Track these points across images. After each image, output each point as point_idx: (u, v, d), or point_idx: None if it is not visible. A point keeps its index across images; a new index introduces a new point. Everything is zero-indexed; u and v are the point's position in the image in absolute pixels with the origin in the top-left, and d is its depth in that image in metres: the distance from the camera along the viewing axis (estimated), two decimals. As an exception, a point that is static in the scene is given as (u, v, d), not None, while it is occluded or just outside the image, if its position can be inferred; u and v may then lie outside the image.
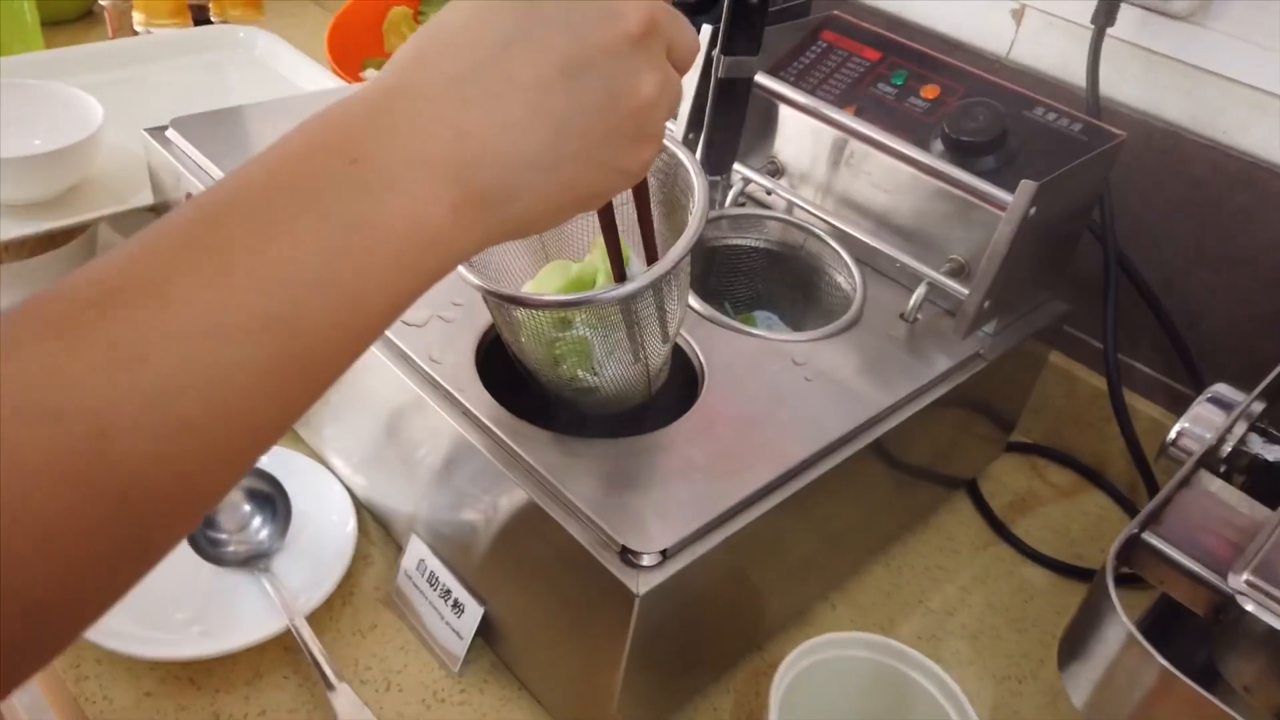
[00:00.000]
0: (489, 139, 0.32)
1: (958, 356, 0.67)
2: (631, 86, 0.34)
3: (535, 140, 0.33)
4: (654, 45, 0.34)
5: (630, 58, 0.33)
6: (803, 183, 0.77)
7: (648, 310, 0.51)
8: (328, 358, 0.31)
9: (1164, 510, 0.46)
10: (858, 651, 0.56)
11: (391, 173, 0.31)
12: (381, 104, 0.32)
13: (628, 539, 0.50)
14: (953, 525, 0.79)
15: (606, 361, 0.53)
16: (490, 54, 0.32)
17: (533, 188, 0.33)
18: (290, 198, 0.30)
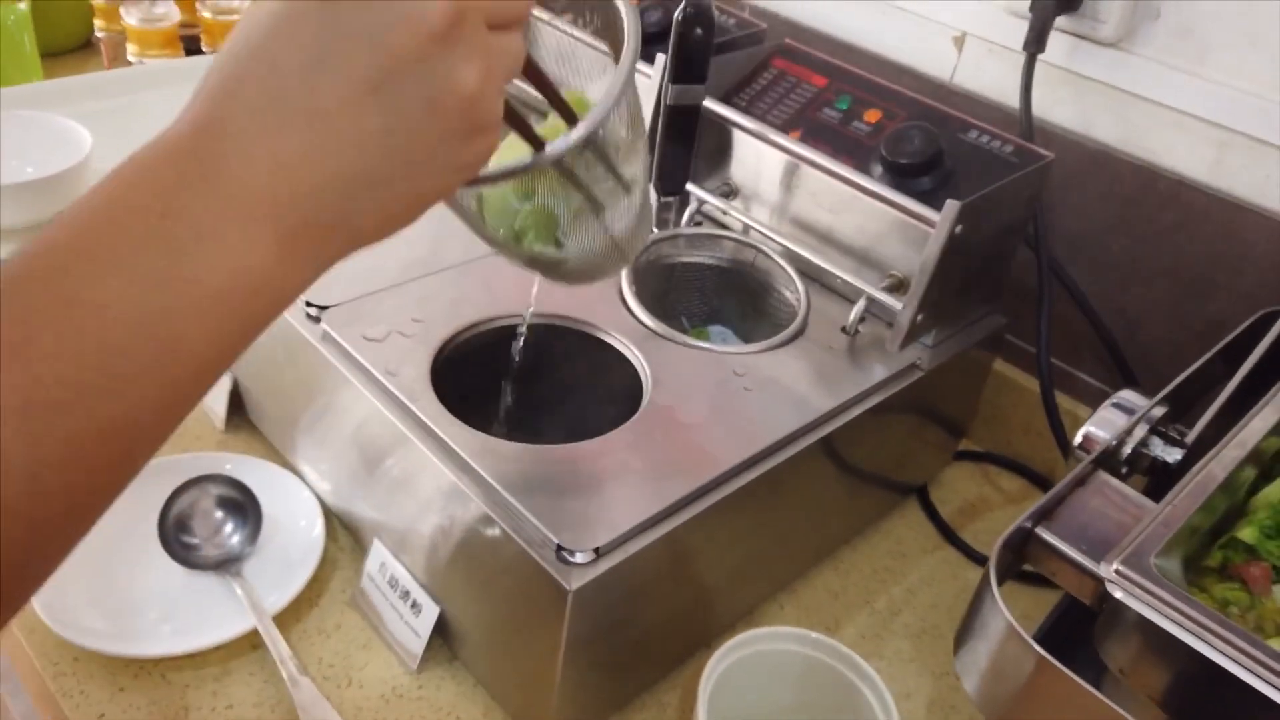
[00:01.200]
0: (305, 171, 0.31)
1: (895, 367, 0.70)
2: (449, 86, 0.32)
3: (356, 163, 0.32)
4: (465, 34, 0.32)
5: (442, 57, 0.31)
6: (754, 203, 0.80)
7: (591, 168, 0.47)
8: (153, 416, 0.30)
9: (1058, 507, 0.49)
10: (787, 645, 0.59)
11: (204, 223, 0.30)
12: (189, 147, 0.31)
13: (562, 537, 0.53)
14: (902, 530, 0.82)
15: (570, 229, 0.50)
16: (294, 80, 0.31)
17: (364, 209, 0.33)
18: (96, 259, 0.29)
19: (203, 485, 0.70)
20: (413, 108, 0.32)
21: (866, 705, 0.57)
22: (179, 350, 0.30)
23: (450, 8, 0.31)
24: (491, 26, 0.33)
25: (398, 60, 0.31)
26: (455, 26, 0.31)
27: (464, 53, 0.32)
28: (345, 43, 0.31)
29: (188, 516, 0.69)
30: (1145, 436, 0.54)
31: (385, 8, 0.31)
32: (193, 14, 1.26)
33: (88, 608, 0.64)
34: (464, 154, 0.34)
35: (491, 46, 0.33)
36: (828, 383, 0.68)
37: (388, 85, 0.31)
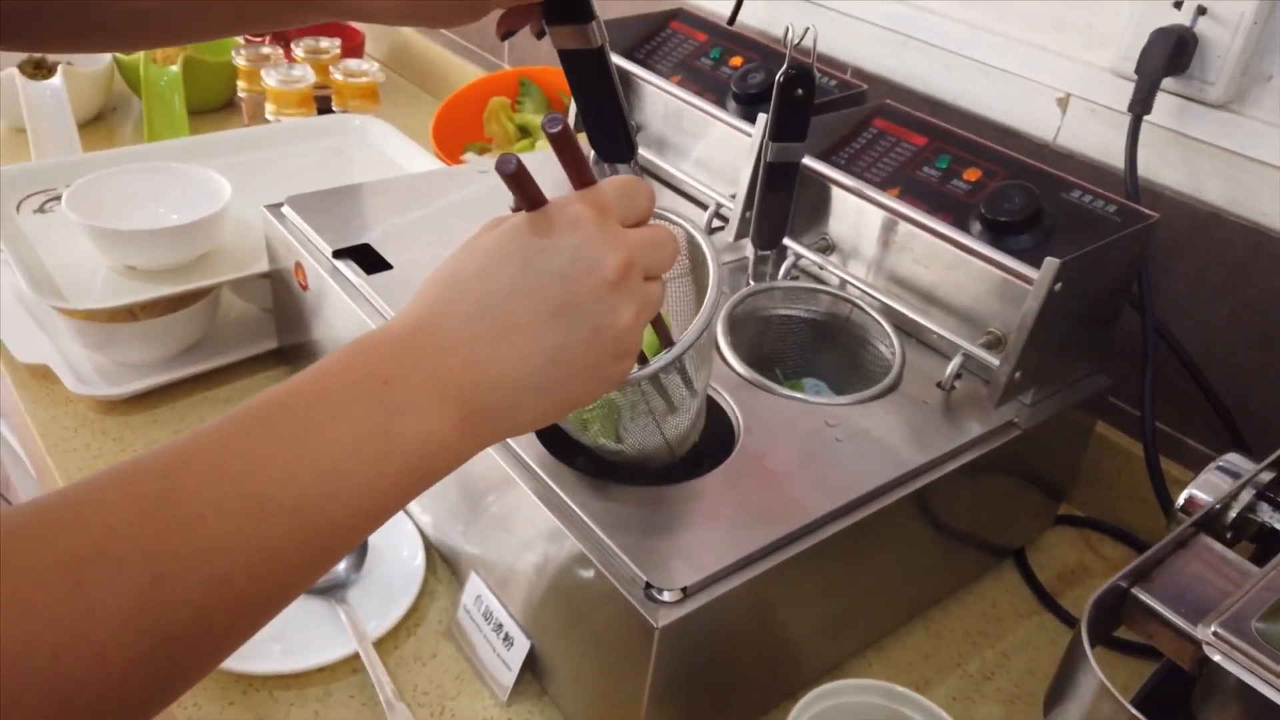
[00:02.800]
0: (493, 368, 0.40)
1: (991, 424, 0.70)
2: (611, 321, 0.42)
3: (532, 369, 0.41)
4: (630, 283, 0.42)
5: (609, 298, 0.42)
6: (851, 258, 0.82)
7: (666, 385, 0.56)
8: (340, 537, 0.37)
9: (1157, 568, 0.48)
10: (872, 698, 0.58)
11: (412, 395, 0.39)
12: (410, 336, 0.40)
13: (652, 576, 0.54)
14: (997, 593, 0.80)
15: (630, 428, 0.58)
16: (497, 299, 0.41)
17: (530, 405, 0.42)
18: (330, 406, 0.37)
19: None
20: (581, 333, 0.42)
21: (954, 766, 0.56)
22: (373, 487, 0.38)
23: (622, 263, 0.42)
24: (647, 279, 0.44)
25: (577, 296, 0.41)
26: (624, 278, 0.42)
27: (625, 297, 0.42)
28: (541, 279, 0.41)
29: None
30: (1252, 501, 0.53)
31: (576, 256, 0.41)
32: (326, 77, 1.35)
33: (205, 624, 0.68)
34: (610, 371, 0.44)
35: (645, 293, 0.44)
36: (921, 437, 0.68)
37: (567, 313, 0.41)
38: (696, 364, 0.56)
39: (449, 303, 0.41)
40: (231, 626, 0.35)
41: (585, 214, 0.42)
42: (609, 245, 0.42)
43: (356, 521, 0.38)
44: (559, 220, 0.42)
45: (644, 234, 0.44)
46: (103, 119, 1.42)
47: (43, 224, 0.97)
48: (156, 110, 1.30)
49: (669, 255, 0.46)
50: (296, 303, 0.87)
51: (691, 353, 0.54)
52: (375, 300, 0.76)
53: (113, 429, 0.86)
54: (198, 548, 0.32)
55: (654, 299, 0.45)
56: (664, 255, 0.45)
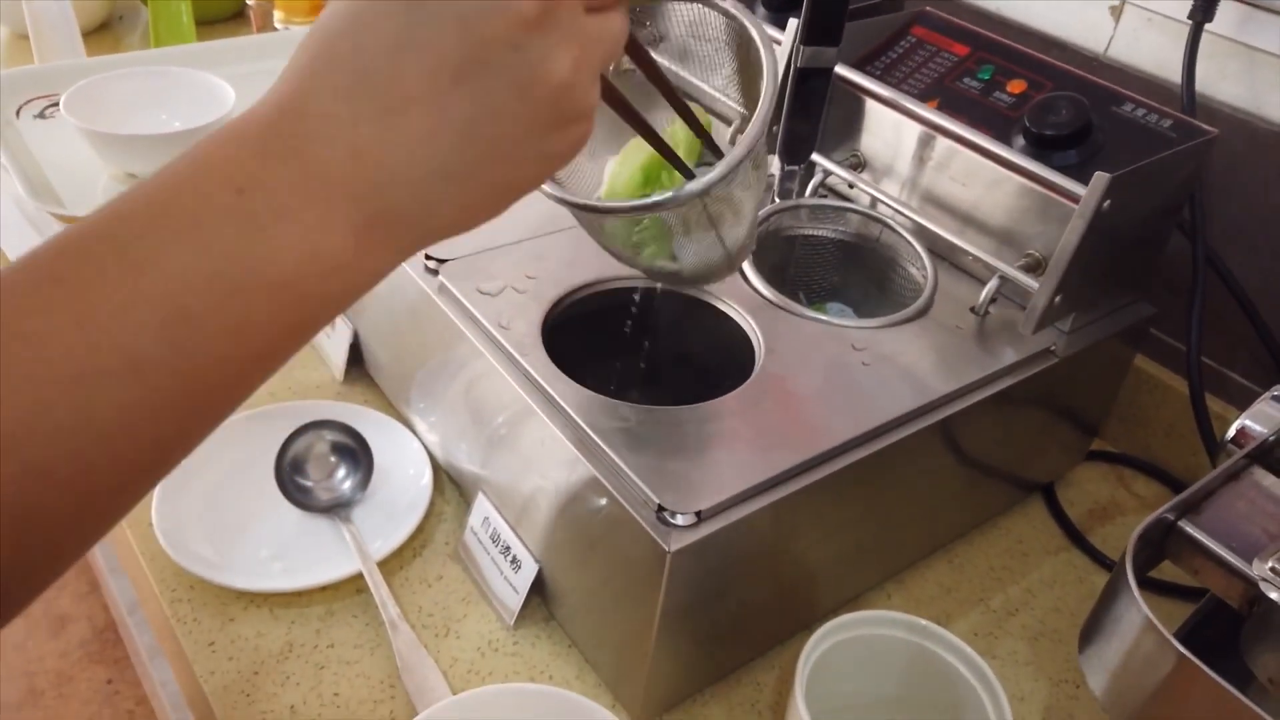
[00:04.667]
0: (387, 156, 0.30)
1: (1027, 351, 0.66)
2: (540, 75, 0.30)
3: (439, 151, 0.30)
4: (559, 19, 0.30)
5: (532, 44, 0.30)
6: (884, 176, 0.77)
7: (722, 197, 0.50)
8: (212, 395, 0.30)
9: (1206, 501, 0.45)
10: (893, 631, 0.56)
11: (281, 202, 0.29)
12: (272, 126, 0.30)
13: (664, 498, 0.52)
14: (1024, 528, 0.77)
15: (687, 244, 0.53)
16: (379, 63, 0.30)
17: (449, 198, 0.32)
18: (166, 229, 0.28)
19: (319, 430, 0.71)
20: (501, 97, 0.30)
21: (977, 702, 0.54)
22: (245, 328, 0.29)
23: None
24: (589, 9, 0.32)
25: (487, 46, 0.30)
26: (549, 11, 0.30)
27: (557, 39, 0.31)
28: (433, 27, 0.29)
29: (303, 459, 0.70)
30: (1310, 434, 0.49)
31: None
32: (337, -16, 1.29)
33: (205, 541, 0.66)
34: (554, 144, 0.33)
35: (587, 31, 0.31)
36: (952, 364, 0.64)
37: (475, 72, 0.30)
38: (757, 163, 0.50)
39: (320, 74, 0.30)
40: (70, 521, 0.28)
41: None
42: None
43: (229, 372, 0.30)
44: None
45: None
46: (108, 27, 1.37)
47: (43, 130, 0.94)
48: (163, 18, 1.25)
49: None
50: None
51: (754, 152, 0.48)
52: (382, 211, 0.72)
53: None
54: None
55: (606, 37, 0.33)
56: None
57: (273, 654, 0.61)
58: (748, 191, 0.52)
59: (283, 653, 0.62)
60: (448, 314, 0.65)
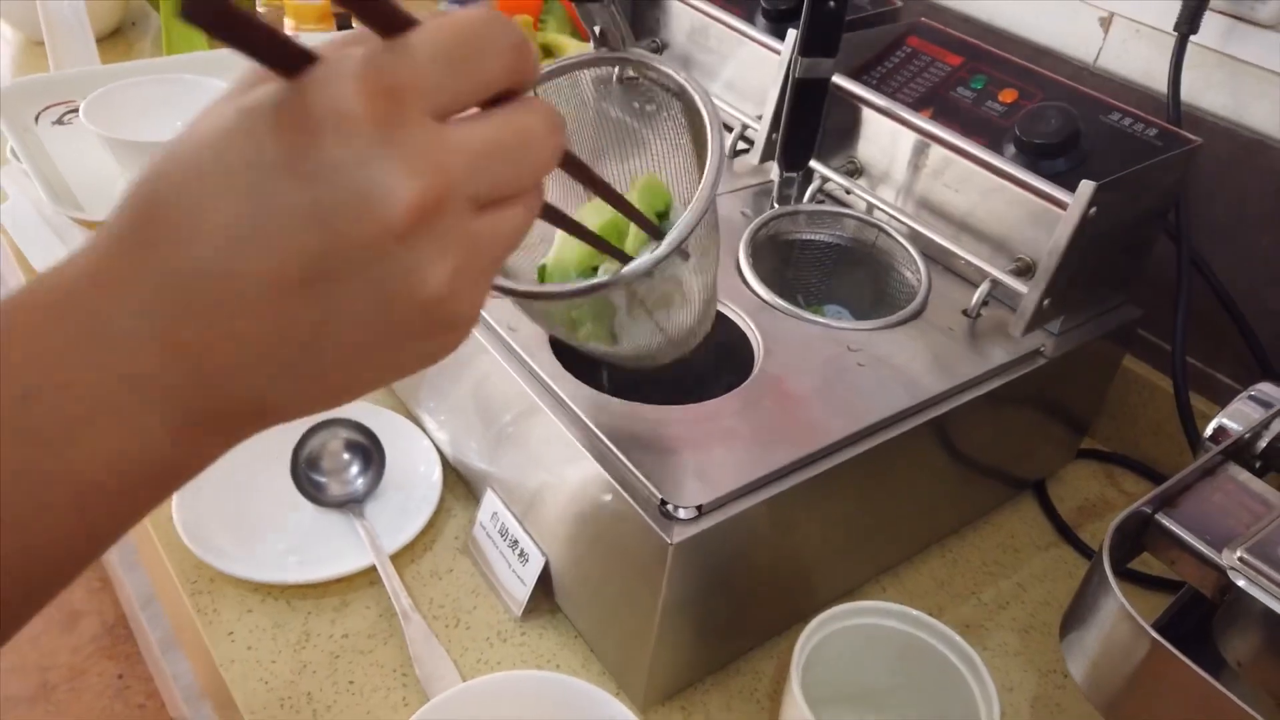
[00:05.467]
0: (216, 357, 0.25)
1: (1016, 352, 0.69)
2: (407, 288, 0.25)
3: (281, 355, 0.26)
4: (440, 225, 0.25)
5: (401, 254, 0.25)
6: (880, 183, 0.79)
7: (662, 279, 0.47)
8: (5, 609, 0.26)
9: (1183, 495, 0.48)
10: (887, 621, 0.58)
11: (82, 406, 0.25)
12: (75, 304, 0.25)
13: (667, 493, 0.54)
14: (1016, 524, 0.80)
15: (627, 325, 0.52)
16: (211, 251, 0.25)
17: (296, 394, 0.27)
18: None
19: (333, 428, 0.74)
20: (359, 306, 0.26)
21: (967, 690, 0.56)
22: (36, 547, 0.26)
23: (423, 197, 0.25)
24: (481, 207, 0.27)
25: (346, 252, 0.25)
26: (426, 219, 0.25)
27: (434, 249, 0.26)
28: (283, 220, 0.24)
29: (318, 457, 0.73)
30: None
31: (344, 182, 0.24)
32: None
33: (225, 535, 0.68)
34: (424, 348, 0.28)
35: (475, 235, 0.26)
36: (944, 364, 0.66)
37: (330, 278, 0.25)
38: (702, 247, 0.47)
39: (138, 251, 0.25)
40: None
41: (363, 106, 0.24)
42: (400, 165, 0.24)
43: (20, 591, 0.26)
44: (322, 112, 0.24)
45: (482, 132, 0.26)
46: (121, 33, 1.40)
47: (61, 136, 0.96)
48: (175, 25, 1.28)
49: (535, 160, 0.28)
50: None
51: (693, 238, 0.45)
52: (393, 216, 0.75)
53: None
54: None
55: (498, 239, 0.27)
56: (521, 164, 0.27)
57: (290, 643, 0.64)
58: (695, 276, 0.48)
59: (299, 642, 0.64)
60: (458, 316, 0.67)
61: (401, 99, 0.25)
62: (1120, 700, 0.44)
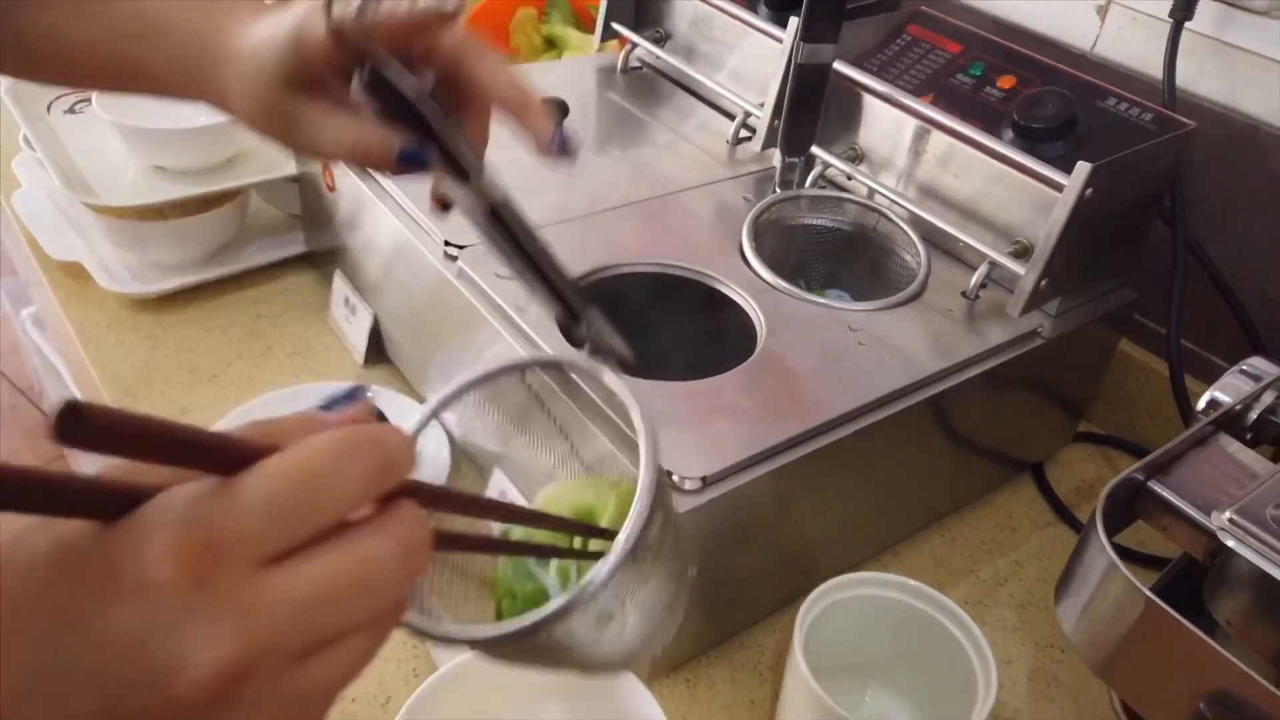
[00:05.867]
0: None
1: (1014, 332, 0.70)
2: None
3: None
4: (250, 691, 0.23)
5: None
6: (881, 169, 0.81)
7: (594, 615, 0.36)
8: None
9: (1175, 464, 0.49)
10: (887, 592, 0.60)
11: None
12: None
13: (672, 465, 0.55)
14: (1014, 504, 0.81)
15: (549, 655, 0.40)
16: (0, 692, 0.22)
17: None
18: None
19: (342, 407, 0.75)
20: None
21: (966, 661, 0.57)
22: None
23: (225, 666, 0.22)
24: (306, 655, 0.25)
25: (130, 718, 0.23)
26: (231, 686, 0.23)
27: (238, 716, 0.23)
28: (68, 680, 0.22)
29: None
30: (1273, 404, 0.53)
31: (134, 654, 0.22)
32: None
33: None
34: None
35: (295, 690, 0.24)
36: (943, 344, 0.68)
37: None
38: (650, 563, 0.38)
39: None
40: None
41: (171, 568, 0.23)
42: (203, 630, 0.23)
43: None
44: (127, 572, 0.23)
45: (311, 575, 0.24)
46: (129, 26, 1.41)
47: (74, 124, 0.97)
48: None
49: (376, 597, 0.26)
50: (324, 206, 0.88)
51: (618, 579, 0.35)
52: (401, 200, 0.76)
53: (145, 326, 0.88)
54: None
55: (329, 682, 0.25)
56: (358, 603, 0.25)
57: (302, 616, 0.65)
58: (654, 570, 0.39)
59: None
60: (467, 297, 0.69)
61: (218, 554, 0.23)
62: (1114, 660, 0.45)
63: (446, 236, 0.71)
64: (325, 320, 0.91)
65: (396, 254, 0.77)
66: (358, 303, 0.86)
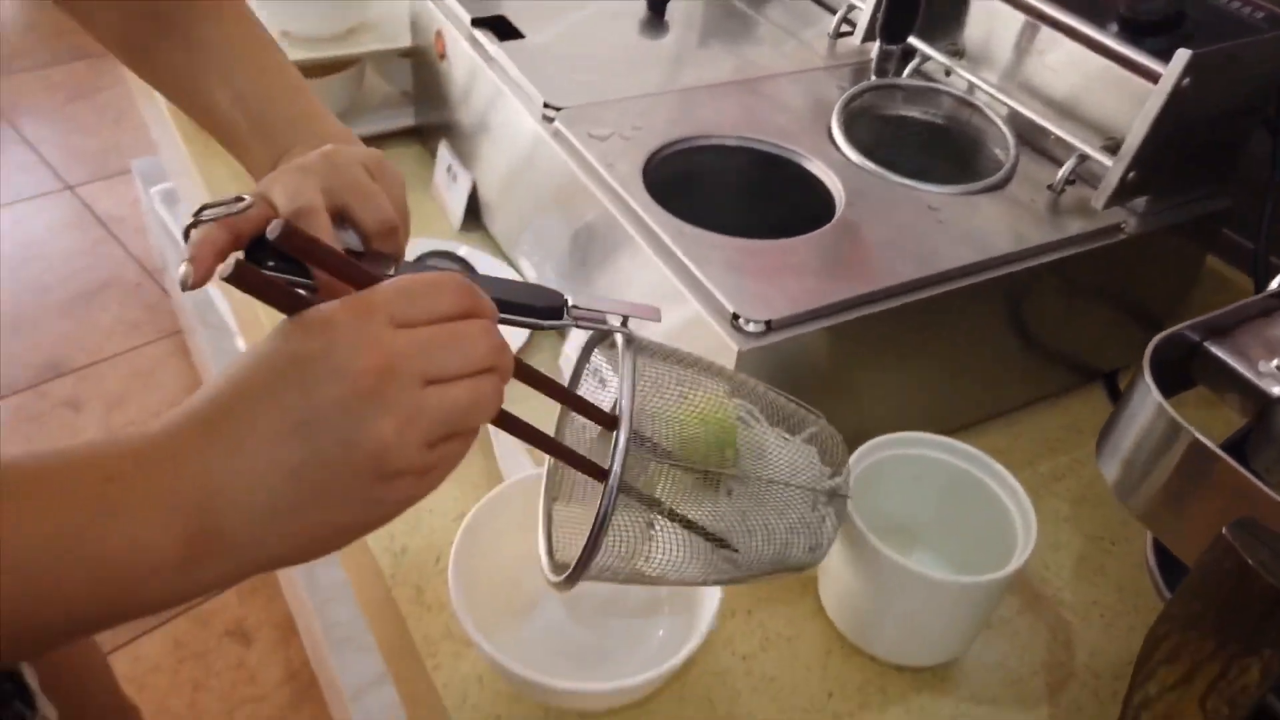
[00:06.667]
0: (228, 484, 0.35)
1: (1096, 225, 0.70)
2: (362, 436, 0.35)
3: (269, 488, 0.35)
4: (390, 390, 0.35)
5: (360, 409, 0.35)
6: (979, 65, 0.81)
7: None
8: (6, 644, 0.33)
9: (1236, 329, 0.49)
10: (936, 453, 0.62)
11: (132, 498, 0.34)
12: (154, 438, 0.35)
13: (738, 307, 0.58)
14: (1081, 409, 0.81)
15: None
16: (241, 406, 0.35)
17: (277, 532, 0.36)
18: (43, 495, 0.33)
19: (437, 258, 0.80)
20: (328, 450, 0.35)
21: (1009, 523, 0.59)
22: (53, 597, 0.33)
23: (375, 366, 0.35)
24: (430, 381, 0.36)
25: (318, 406, 0.35)
26: (379, 385, 0.35)
27: (384, 408, 0.35)
28: (287, 383, 0.35)
29: (422, 282, 0.79)
30: (1348, 289, 0.53)
31: (319, 360, 0.35)
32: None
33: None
34: (380, 493, 0.36)
35: (419, 403, 0.36)
36: (1021, 228, 0.68)
37: (309, 426, 0.35)
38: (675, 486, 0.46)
39: (195, 410, 0.36)
40: None
41: (338, 315, 0.36)
42: (361, 347, 0.35)
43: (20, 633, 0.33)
44: (312, 323, 0.36)
45: (423, 333, 0.37)
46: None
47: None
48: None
49: (466, 350, 0.37)
50: (435, 77, 0.92)
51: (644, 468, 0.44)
52: (507, 66, 0.80)
53: (263, 181, 0.94)
54: None
55: (442, 406, 0.36)
56: (454, 353, 0.37)
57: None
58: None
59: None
60: (561, 154, 0.72)
61: (369, 310, 0.36)
62: (1156, 503, 0.47)
63: (546, 98, 0.75)
64: (428, 191, 0.96)
65: (498, 117, 0.81)
66: (459, 170, 0.91)
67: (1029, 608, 0.66)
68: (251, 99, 0.56)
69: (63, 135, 2.54)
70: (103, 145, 2.50)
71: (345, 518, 0.37)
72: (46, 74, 2.75)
